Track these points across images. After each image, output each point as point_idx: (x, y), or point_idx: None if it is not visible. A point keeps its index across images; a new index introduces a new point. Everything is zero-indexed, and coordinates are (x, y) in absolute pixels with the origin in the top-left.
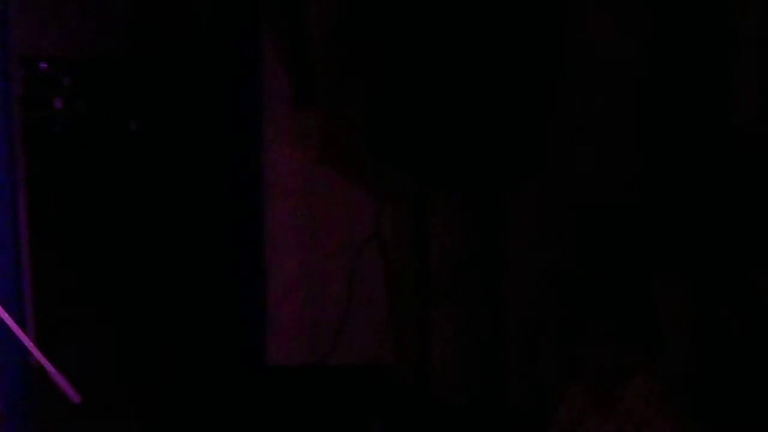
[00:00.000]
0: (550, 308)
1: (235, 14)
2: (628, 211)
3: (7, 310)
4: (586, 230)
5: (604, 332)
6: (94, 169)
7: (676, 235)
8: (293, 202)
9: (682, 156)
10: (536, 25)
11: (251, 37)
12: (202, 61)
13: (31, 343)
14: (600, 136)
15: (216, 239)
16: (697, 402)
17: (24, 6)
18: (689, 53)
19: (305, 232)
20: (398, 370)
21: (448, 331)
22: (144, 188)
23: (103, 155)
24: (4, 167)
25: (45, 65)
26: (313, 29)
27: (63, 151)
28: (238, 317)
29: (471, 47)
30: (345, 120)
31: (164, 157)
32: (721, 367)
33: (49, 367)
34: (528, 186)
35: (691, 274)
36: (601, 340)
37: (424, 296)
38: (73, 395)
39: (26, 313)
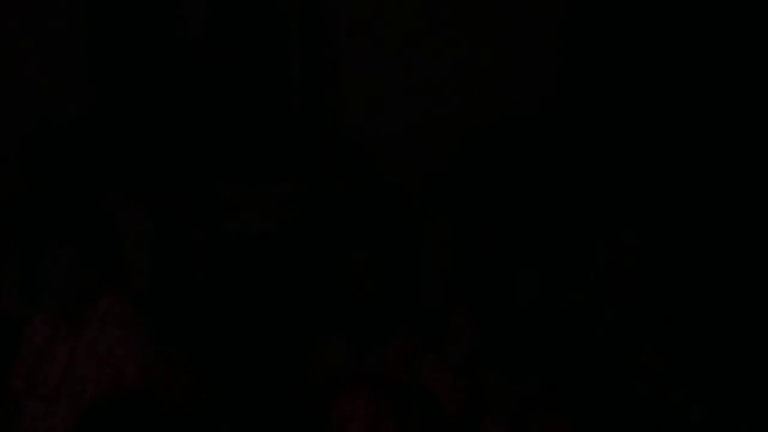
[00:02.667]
0: (11, 235)
1: None
2: (83, 133)
3: None
4: (41, 154)
5: (66, 256)
6: None
7: (131, 153)
8: None
9: (132, 72)
10: None
11: None
12: None
13: None
14: (45, 56)
15: None
16: (161, 322)
17: None
18: None
19: None
20: None
21: None
22: None
23: None
24: None
25: None
26: None
27: None
28: None
29: None
30: None
31: None
32: (184, 287)
33: None
34: None
35: (152, 193)
36: (63, 264)
37: None
38: None
39: None
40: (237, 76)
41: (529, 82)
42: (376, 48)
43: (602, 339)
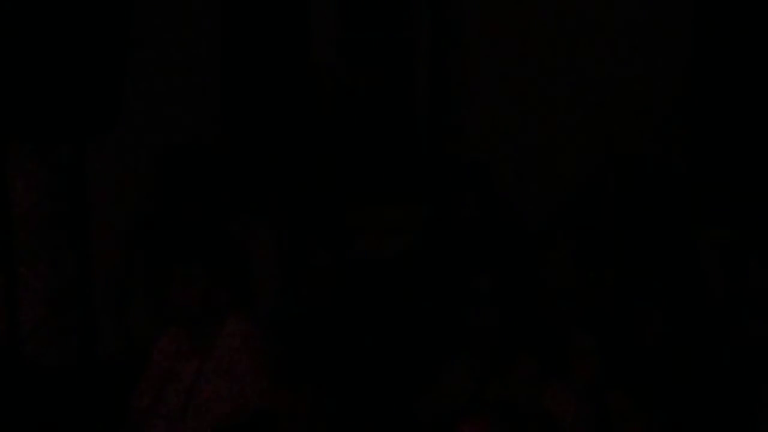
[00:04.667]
0: (141, 256)
1: None
2: (218, 155)
3: None
4: (171, 175)
5: (193, 276)
6: None
7: (259, 176)
8: None
9: (262, 97)
10: None
11: None
12: None
13: None
14: (180, 79)
15: None
16: (286, 345)
17: None
18: None
19: None
20: None
21: (36, 287)
22: None
23: None
24: None
25: None
26: None
27: None
28: None
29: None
30: None
31: None
32: (309, 310)
33: None
34: (110, 133)
35: (280, 216)
36: (190, 284)
37: (9, 253)
38: None
39: None
40: (364, 100)
41: (655, 112)
42: (501, 72)
43: (724, 370)
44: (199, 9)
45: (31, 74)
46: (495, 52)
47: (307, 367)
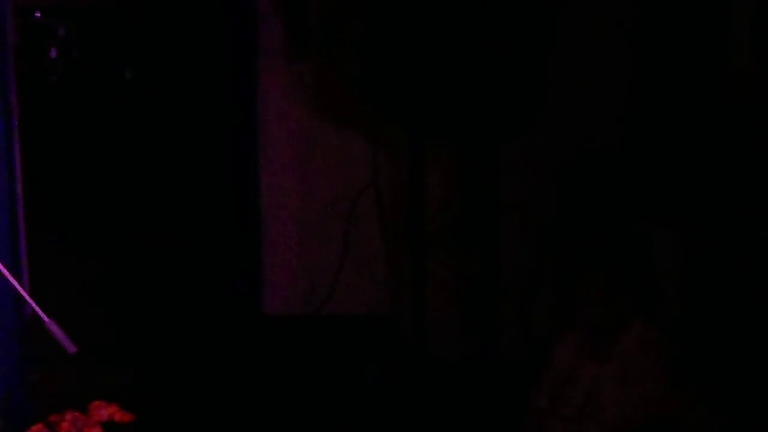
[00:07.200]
0: (545, 258)
1: None
2: (623, 159)
3: (3, 261)
4: (581, 179)
5: (599, 281)
6: (89, 118)
7: (670, 182)
8: (289, 152)
9: (677, 102)
10: None
11: None
12: (197, 9)
13: (27, 294)
14: (593, 84)
15: (212, 189)
16: (691, 351)
17: None
18: None
19: (301, 182)
20: (395, 320)
21: (444, 280)
22: (139, 137)
23: (98, 105)
24: None
25: (39, 14)
26: None
27: (57, 101)
28: (233, 267)
29: None
30: (340, 69)
31: (159, 107)
32: (714, 317)
33: (45, 318)
34: (522, 135)
35: (688, 223)
36: (596, 289)
37: (420, 246)
38: (68, 345)
39: (21, 264)
40: None
41: None
42: None
43: None
44: (615, 17)
45: (452, 73)
46: None
47: (708, 373)
